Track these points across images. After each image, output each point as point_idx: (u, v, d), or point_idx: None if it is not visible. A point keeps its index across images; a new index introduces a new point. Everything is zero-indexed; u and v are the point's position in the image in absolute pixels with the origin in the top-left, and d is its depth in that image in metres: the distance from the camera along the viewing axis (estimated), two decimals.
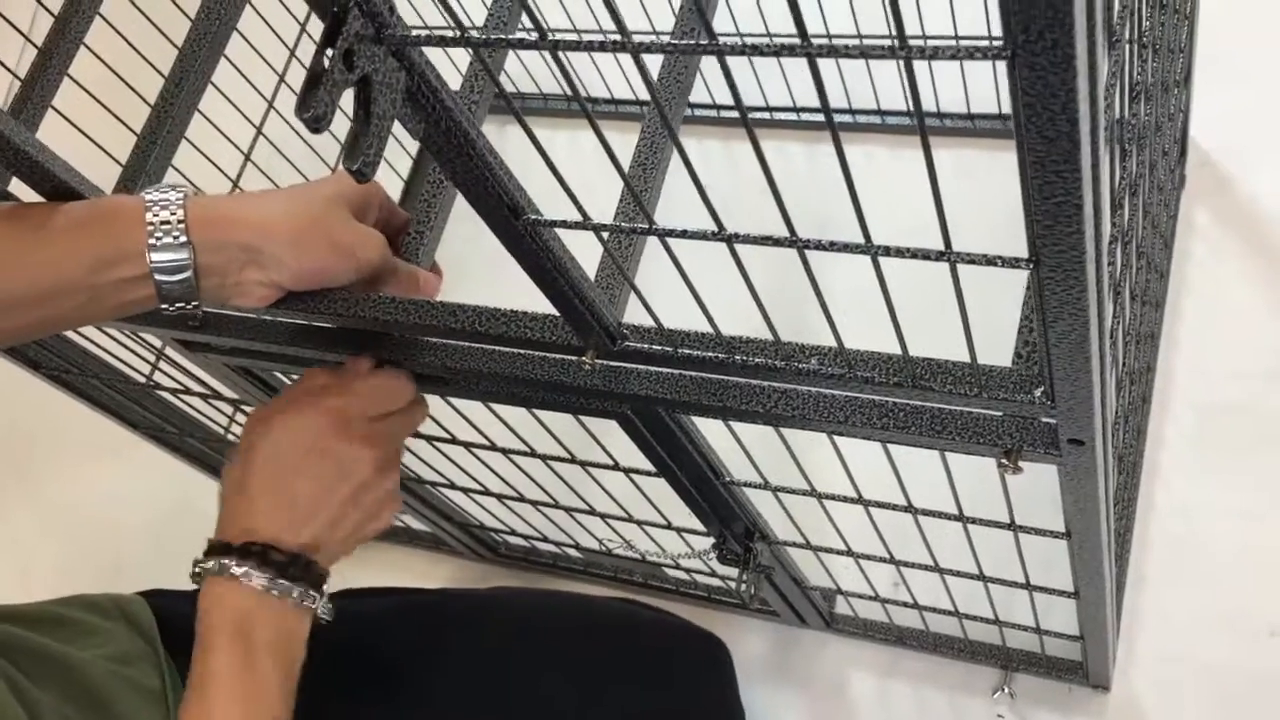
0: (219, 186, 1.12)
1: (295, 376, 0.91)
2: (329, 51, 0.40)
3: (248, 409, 1.09)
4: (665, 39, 0.83)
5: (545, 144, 0.47)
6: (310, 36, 1.24)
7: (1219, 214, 1.23)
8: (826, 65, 1.30)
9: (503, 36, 0.41)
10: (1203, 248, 1.22)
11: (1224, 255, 1.21)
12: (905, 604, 1.01)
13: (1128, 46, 0.58)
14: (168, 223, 0.63)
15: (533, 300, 0.63)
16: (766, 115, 1.40)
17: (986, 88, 1.27)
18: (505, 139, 1.40)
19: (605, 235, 0.61)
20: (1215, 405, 1.14)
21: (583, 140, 1.43)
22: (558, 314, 0.62)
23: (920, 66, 1.21)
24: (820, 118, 1.37)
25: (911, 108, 0.38)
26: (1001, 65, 0.35)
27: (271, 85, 1.20)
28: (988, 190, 1.27)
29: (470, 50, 0.43)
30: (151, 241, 0.63)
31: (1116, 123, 0.60)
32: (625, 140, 1.40)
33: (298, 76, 1.23)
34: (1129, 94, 0.60)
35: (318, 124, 0.40)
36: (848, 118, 1.37)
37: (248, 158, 1.19)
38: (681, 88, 0.75)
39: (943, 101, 1.30)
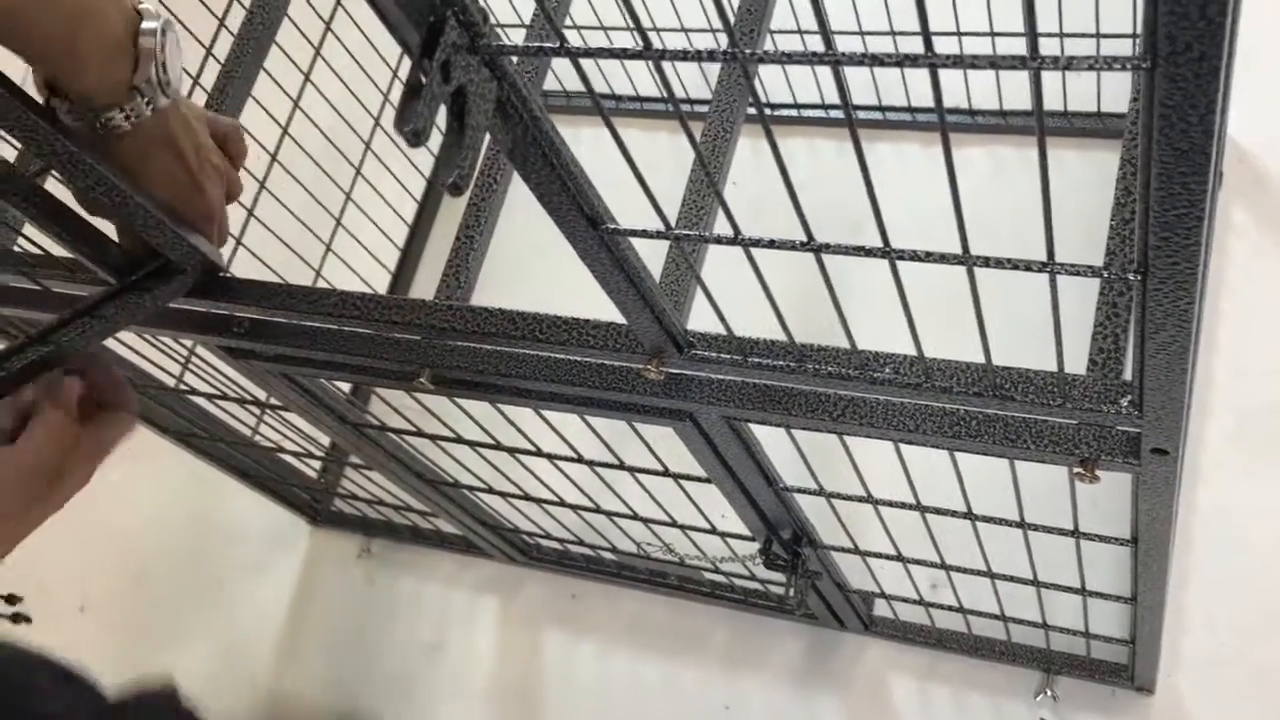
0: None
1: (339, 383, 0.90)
2: (426, 63, 0.39)
3: (281, 411, 1.08)
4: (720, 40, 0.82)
5: (582, 141, 0.46)
6: (315, 48, 1.23)
7: (1256, 210, 1.22)
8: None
9: (606, 48, 0.40)
10: (1240, 245, 1.21)
11: (1262, 252, 1.20)
12: (949, 607, 1.01)
13: None
14: None
15: (585, 300, 0.62)
16: (823, 114, 1.38)
17: (1018, 83, 1.26)
18: None
19: (679, 243, 0.59)
20: (1256, 405, 1.13)
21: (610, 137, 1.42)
22: (621, 322, 0.61)
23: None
24: (880, 116, 1.35)
25: (1032, 110, 0.36)
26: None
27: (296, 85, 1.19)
28: (1019, 187, 1.26)
29: (571, 60, 0.42)
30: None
31: None
32: (650, 139, 1.39)
33: (293, 77, 1.22)
34: None
35: (417, 138, 0.39)
36: (907, 115, 1.34)
37: (274, 159, 1.18)
38: (741, 90, 0.74)
39: (974, 97, 1.29)
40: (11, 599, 0.64)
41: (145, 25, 0.61)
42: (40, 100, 0.62)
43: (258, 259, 1.16)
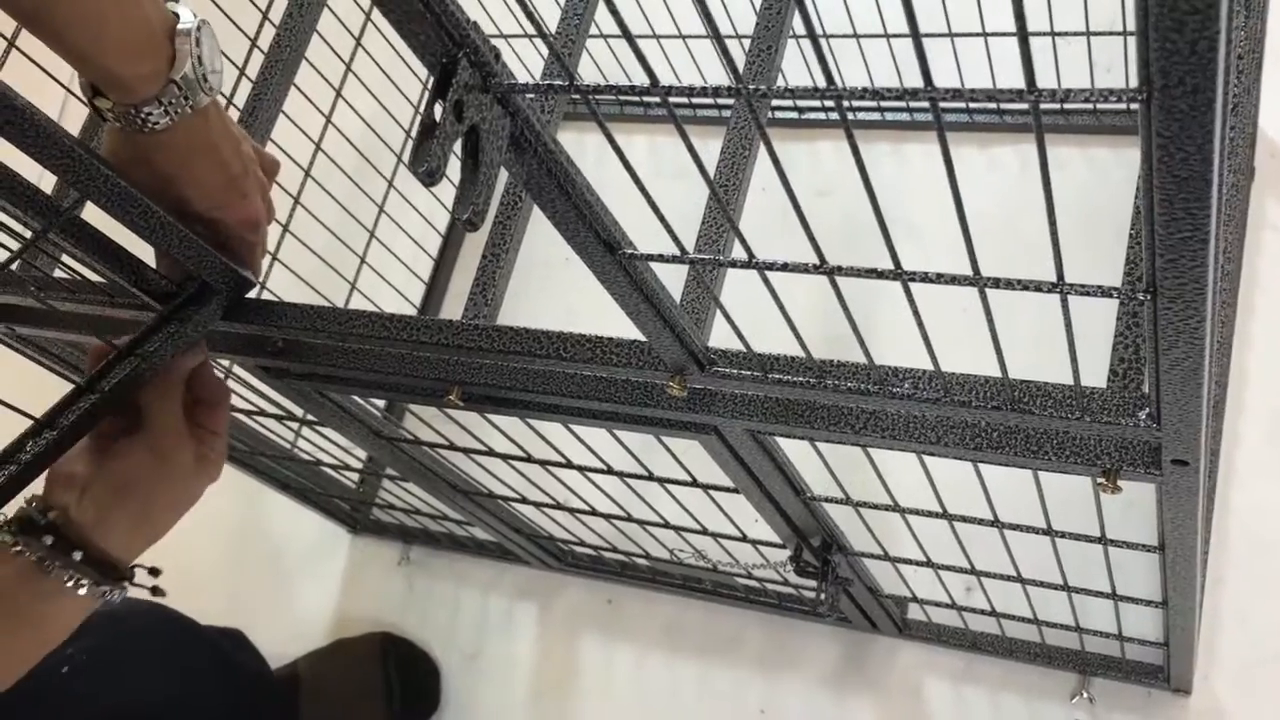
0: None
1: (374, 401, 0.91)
2: (439, 104, 0.40)
3: (317, 426, 1.10)
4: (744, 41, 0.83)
5: (589, 149, 0.46)
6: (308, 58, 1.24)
7: None
8: (844, 64, 1.30)
9: (613, 85, 0.41)
10: (1274, 240, 1.20)
11: None
12: (982, 611, 1.01)
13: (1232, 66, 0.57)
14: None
15: (613, 309, 0.63)
16: (851, 116, 1.38)
17: (1046, 80, 1.26)
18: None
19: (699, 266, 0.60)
20: None
21: (637, 142, 1.42)
22: (643, 339, 0.62)
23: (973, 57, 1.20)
24: (908, 117, 1.35)
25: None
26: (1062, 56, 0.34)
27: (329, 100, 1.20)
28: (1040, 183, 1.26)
29: (581, 96, 0.43)
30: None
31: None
32: (657, 143, 1.40)
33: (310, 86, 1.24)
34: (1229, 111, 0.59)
35: (432, 177, 0.40)
36: (906, 115, 1.35)
37: (308, 174, 1.20)
38: (763, 103, 0.74)
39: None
40: (154, 571, 0.70)
41: (181, 25, 0.63)
42: (86, 101, 0.64)
43: (293, 274, 1.18)
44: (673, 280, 0.65)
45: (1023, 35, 0.34)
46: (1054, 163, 1.28)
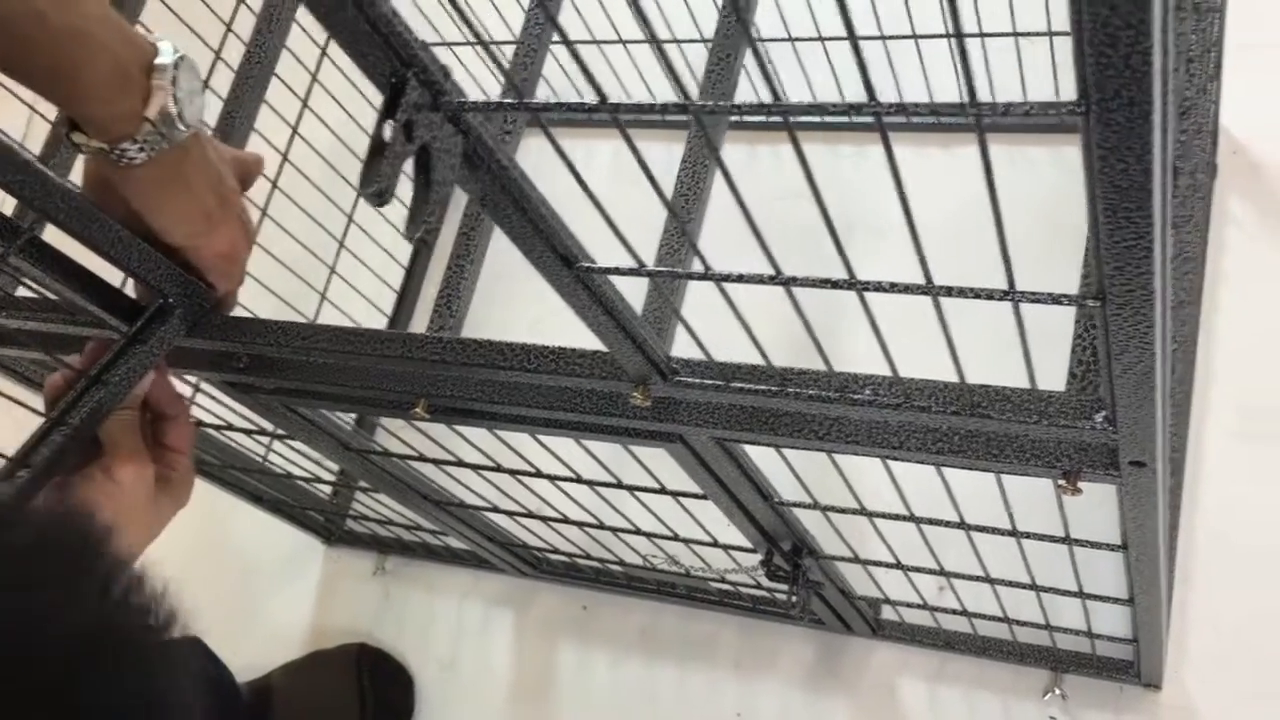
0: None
1: (341, 415, 0.91)
2: (389, 123, 0.40)
3: (288, 439, 1.10)
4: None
5: (568, 151, 0.46)
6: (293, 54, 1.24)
7: (1253, 201, 1.22)
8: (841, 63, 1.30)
9: (561, 103, 0.41)
10: (1238, 236, 1.21)
11: (1260, 242, 1.20)
12: (954, 611, 1.01)
13: (1180, 69, 0.57)
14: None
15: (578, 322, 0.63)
16: (817, 119, 1.39)
17: (1009, 79, 1.26)
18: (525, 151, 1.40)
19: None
20: (1257, 398, 1.13)
21: (601, 147, 1.42)
22: (607, 350, 0.62)
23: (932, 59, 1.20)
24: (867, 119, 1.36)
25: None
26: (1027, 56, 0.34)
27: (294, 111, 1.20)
28: (1017, 185, 1.26)
29: (533, 115, 0.43)
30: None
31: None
32: (652, 148, 1.40)
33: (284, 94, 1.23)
34: (1176, 114, 0.59)
35: (381, 198, 0.40)
36: (901, 118, 1.35)
37: (275, 185, 1.20)
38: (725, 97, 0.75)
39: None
40: None
41: (159, 61, 0.62)
42: (63, 135, 0.64)
43: (263, 285, 1.18)
44: (637, 289, 0.65)
45: (961, 49, 0.34)
46: (1022, 162, 1.29)
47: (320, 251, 1.30)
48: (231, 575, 1.46)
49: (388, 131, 0.40)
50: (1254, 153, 1.24)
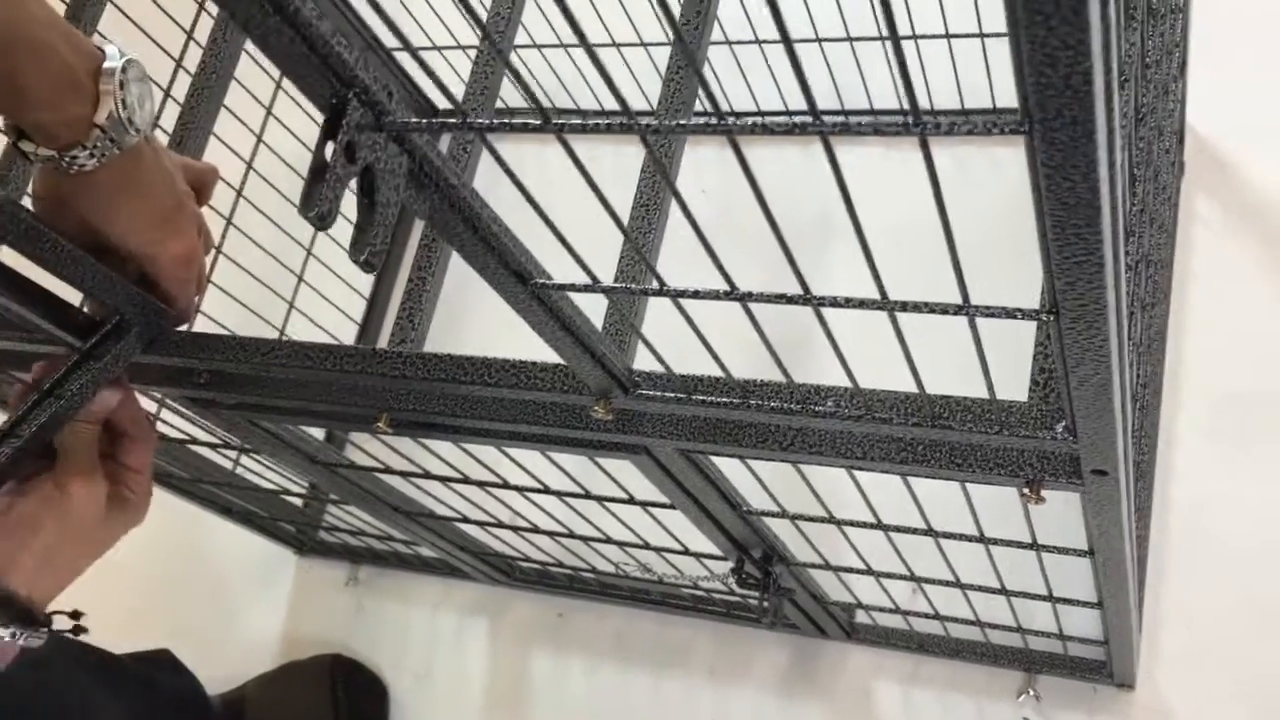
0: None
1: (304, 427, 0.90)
2: (330, 145, 0.40)
3: (255, 455, 1.09)
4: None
5: (525, 161, 0.46)
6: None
7: (1220, 199, 1.22)
8: (814, 66, 1.30)
9: (506, 121, 0.40)
10: (1205, 234, 1.21)
11: (1227, 240, 1.20)
12: (926, 615, 1.01)
13: (1133, 78, 0.57)
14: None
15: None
16: (785, 120, 1.38)
17: (978, 80, 1.26)
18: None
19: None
20: (1227, 394, 1.13)
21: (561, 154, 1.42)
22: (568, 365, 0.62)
23: (910, 59, 1.20)
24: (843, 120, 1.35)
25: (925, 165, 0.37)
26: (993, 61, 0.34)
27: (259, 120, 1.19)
28: (988, 188, 1.26)
29: (475, 133, 0.42)
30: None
31: (1123, 151, 0.59)
32: (594, 152, 1.40)
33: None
34: (1135, 121, 0.59)
35: (323, 221, 0.39)
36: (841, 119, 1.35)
37: (240, 194, 1.18)
38: (684, 109, 0.74)
39: (936, 98, 1.29)
40: (75, 614, 0.70)
41: (106, 65, 0.61)
42: (11, 143, 0.63)
43: (229, 295, 1.17)
44: (599, 301, 0.65)
45: (901, 61, 0.34)
46: (989, 164, 1.29)
47: (288, 260, 1.29)
48: (203, 586, 1.45)
49: (329, 152, 0.40)
50: (1220, 150, 1.24)
